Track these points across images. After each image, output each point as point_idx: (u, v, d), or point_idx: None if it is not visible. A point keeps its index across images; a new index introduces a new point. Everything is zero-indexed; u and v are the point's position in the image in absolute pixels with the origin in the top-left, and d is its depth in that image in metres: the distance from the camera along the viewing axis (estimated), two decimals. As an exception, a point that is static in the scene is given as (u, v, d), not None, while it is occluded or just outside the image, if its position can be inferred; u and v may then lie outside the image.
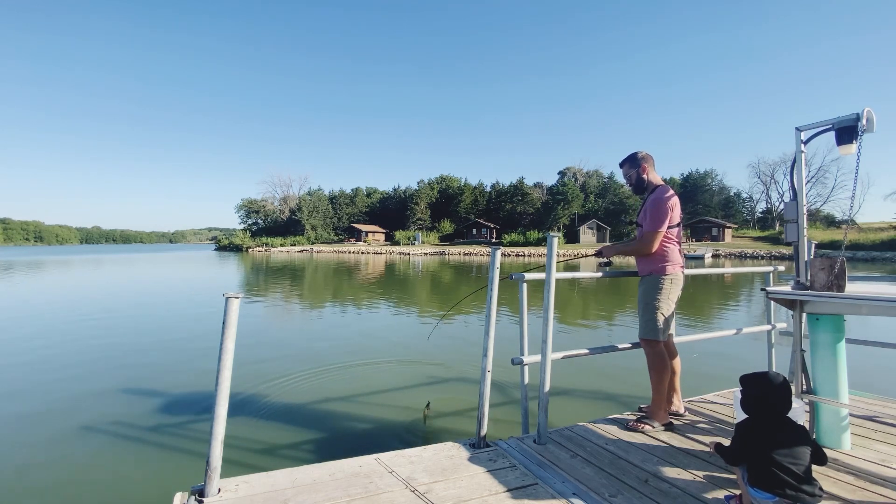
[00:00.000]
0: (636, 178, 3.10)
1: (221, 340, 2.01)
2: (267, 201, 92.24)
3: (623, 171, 3.17)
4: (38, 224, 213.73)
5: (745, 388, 2.00)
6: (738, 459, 1.92)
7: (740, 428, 1.95)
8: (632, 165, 3.11)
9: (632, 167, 3.11)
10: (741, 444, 1.91)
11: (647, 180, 3.08)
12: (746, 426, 1.94)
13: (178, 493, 2.01)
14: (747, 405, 1.97)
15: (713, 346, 6.93)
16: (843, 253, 3.15)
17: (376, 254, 57.27)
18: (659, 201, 2.90)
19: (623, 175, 3.18)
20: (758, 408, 1.93)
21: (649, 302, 2.91)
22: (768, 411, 1.91)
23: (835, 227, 60.72)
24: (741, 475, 1.92)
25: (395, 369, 6.04)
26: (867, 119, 2.65)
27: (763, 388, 1.94)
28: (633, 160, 3.10)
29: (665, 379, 2.87)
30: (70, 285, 18.29)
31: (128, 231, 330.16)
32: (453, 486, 2.14)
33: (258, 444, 3.72)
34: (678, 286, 2.95)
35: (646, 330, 2.92)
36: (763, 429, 1.88)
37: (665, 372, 2.87)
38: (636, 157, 3.10)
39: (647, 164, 3.08)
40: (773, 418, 1.91)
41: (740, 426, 1.96)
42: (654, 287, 2.91)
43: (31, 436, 3.94)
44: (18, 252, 78.47)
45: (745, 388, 2.00)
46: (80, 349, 7.11)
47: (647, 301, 2.92)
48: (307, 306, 12.83)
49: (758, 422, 1.92)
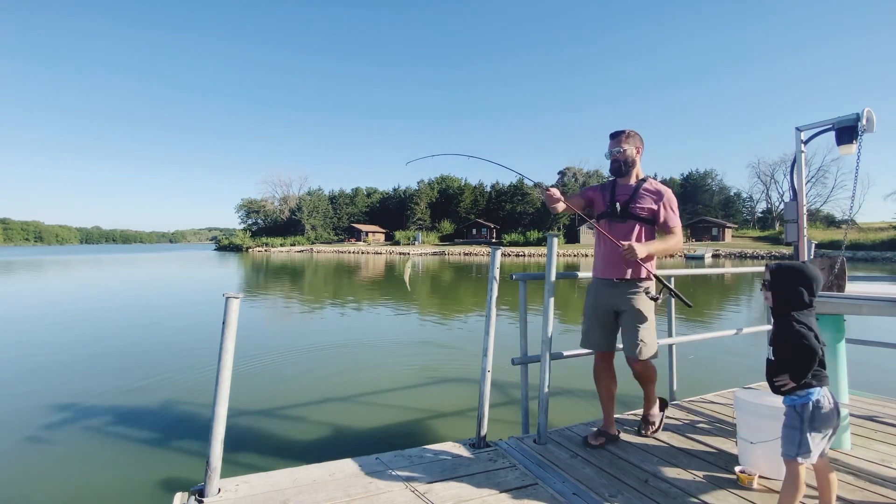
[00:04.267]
0: (630, 158, 2.64)
1: (221, 340, 2.01)
2: (267, 201, 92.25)
3: (616, 143, 2.64)
4: (38, 224, 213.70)
5: (798, 275, 1.78)
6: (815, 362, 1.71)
7: (801, 324, 1.73)
8: (632, 142, 2.65)
9: (631, 144, 2.64)
10: (815, 339, 1.70)
11: (637, 166, 2.67)
12: (801, 320, 1.74)
13: (178, 493, 2.01)
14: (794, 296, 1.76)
15: (713, 346, 6.93)
16: (843, 253, 3.16)
17: (376, 254, 57.27)
18: (674, 199, 2.61)
19: (614, 148, 2.64)
20: (807, 298, 1.75)
21: (648, 314, 2.56)
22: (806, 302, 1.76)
23: (835, 227, 60.72)
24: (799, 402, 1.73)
25: (395, 369, 6.04)
26: (867, 119, 2.65)
27: (814, 273, 1.78)
28: (635, 136, 2.65)
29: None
30: (70, 285, 18.29)
31: (128, 231, 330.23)
32: (453, 486, 2.14)
33: (258, 444, 3.72)
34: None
35: (647, 349, 2.54)
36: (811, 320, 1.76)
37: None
38: (638, 136, 2.67)
39: (642, 148, 2.69)
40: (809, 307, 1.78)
41: (799, 324, 1.73)
42: (648, 296, 2.56)
43: (30, 435, 3.94)
44: (18, 252, 78.46)
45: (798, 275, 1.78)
46: (80, 349, 7.10)
47: (646, 312, 2.55)
48: (307, 306, 12.83)
49: (809, 315, 1.77)
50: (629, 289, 2.56)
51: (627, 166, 2.64)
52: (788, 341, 1.74)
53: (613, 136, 2.67)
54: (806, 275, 1.77)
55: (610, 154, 2.67)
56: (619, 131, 2.66)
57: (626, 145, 2.63)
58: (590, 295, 2.72)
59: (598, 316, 2.65)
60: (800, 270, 1.79)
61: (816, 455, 1.73)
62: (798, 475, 1.73)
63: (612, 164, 2.66)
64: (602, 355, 2.72)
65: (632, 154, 2.63)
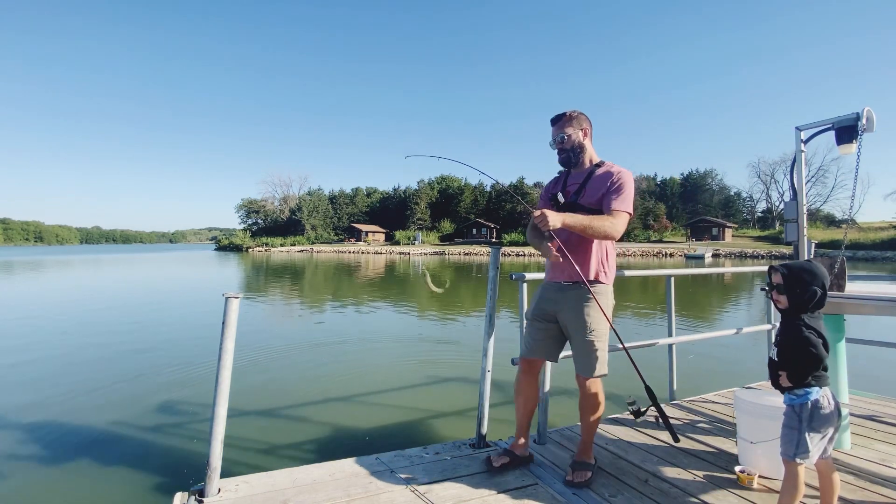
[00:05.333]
0: (578, 142, 2.29)
1: (221, 340, 2.01)
2: (267, 201, 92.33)
3: (559, 130, 2.30)
4: (38, 224, 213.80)
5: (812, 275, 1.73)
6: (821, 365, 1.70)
7: (811, 330, 1.70)
8: (576, 124, 2.28)
9: (576, 126, 2.28)
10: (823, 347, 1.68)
11: (588, 150, 2.33)
12: (811, 325, 1.71)
13: (178, 493, 2.01)
14: (812, 296, 1.71)
15: (713, 346, 6.93)
16: (843, 252, 3.16)
17: (376, 254, 57.27)
18: (630, 182, 2.20)
19: (557, 136, 2.30)
20: (822, 297, 1.72)
21: (599, 322, 2.19)
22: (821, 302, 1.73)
23: (835, 226, 60.77)
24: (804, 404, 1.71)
25: (395, 369, 6.04)
26: (867, 118, 2.65)
27: (825, 271, 1.76)
28: (580, 118, 2.29)
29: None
30: (69, 286, 18.30)
31: (128, 231, 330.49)
32: (453, 486, 2.14)
33: (258, 444, 3.72)
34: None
35: (599, 365, 2.20)
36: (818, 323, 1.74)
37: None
38: (582, 115, 2.31)
39: (590, 129, 2.34)
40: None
41: (809, 330, 1.70)
42: (603, 300, 2.21)
43: (30, 435, 3.94)
44: (18, 252, 78.50)
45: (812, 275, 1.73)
46: (79, 349, 7.11)
47: (598, 320, 2.18)
48: (307, 306, 12.84)
49: (816, 317, 1.74)
50: (580, 294, 2.21)
51: (576, 153, 2.30)
52: (795, 346, 1.72)
53: (555, 121, 2.32)
54: (819, 274, 1.74)
55: (554, 143, 2.33)
56: (559, 115, 2.31)
57: (569, 130, 2.28)
58: (534, 297, 2.42)
59: (538, 321, 2.33)
60: (813, 270, 1.75)
61: (816, 456, 1.72)
62: (797, 476, 1.72)
63: (559, 155, 2.34)
64: (530, 363, 2.37)
65: (578, 138, 2.29)
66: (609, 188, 2.18)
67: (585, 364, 2.20)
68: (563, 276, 2.26)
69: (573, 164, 2.32)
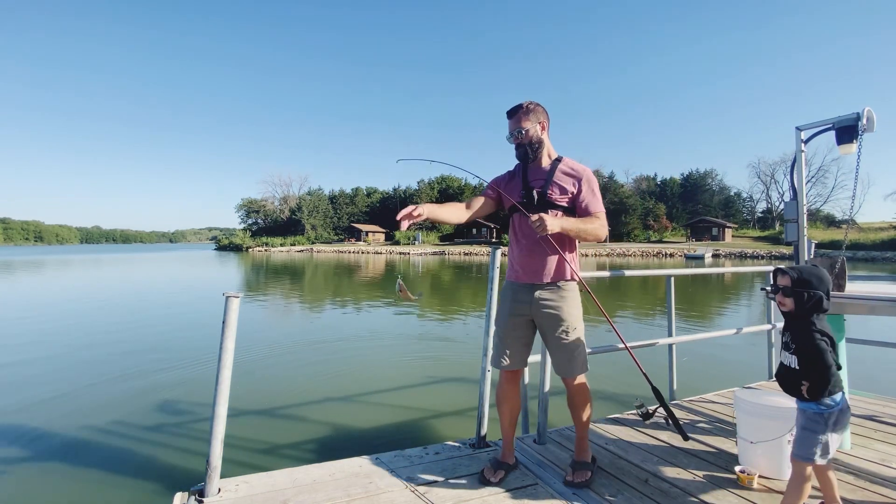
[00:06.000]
0: (536, 137, 2.19)
1: (221, 339, 2.01)
2: (267, 201, 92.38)
3: (517, 123, 2.18)
4: (38, 224, 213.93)
5: (818, 279, 1.73)
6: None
7: (825, 338, 1.70)
8: (533, 118, 2.17)
9: (533, 120, 2.17)
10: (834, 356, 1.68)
11: (546, 145, 2.24)
12: (824, 332, 1.71)
13: (178, 494, 2.01)
14: (818, 301, 1.71)
15: (713, 346, 6.93)
16: (843, 253, 3.16)
17: (376, 253, 57.27)
18: (596, 180, 2.22)
19: (514, 130, 2.18)
20: (825, 301, 1.71)
21: (578, 320, 2.20)
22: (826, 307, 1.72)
23: (835, 226, 60.82)
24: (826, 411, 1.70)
25: (395, 369, 6.04)
26: (867, 118, 2.65)
27: (829, 278, 1.75)
28: (537, 111, 2.19)
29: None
30: (69, 285, 18.30)
31: (128, 231, 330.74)
32: (453, 486, 2.14)
33: (258, 444, 3.72)
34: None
35: (582, 364, 2.19)
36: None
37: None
38: (539, 107, 2.21)
39: (547, 122, 2.24)
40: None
41: (823, 338, 1.70)
42: (576, 299, 2.21)
43: (30, 435, 3.94)
44: (18, 252, 78.50)
45: (818, 279, 1.73)
46: (79, 348, 7.11)
47: (576, 318, 2.18)
48: (307, 306, 12.84)
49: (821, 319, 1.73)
50: (554, 293, 2.16)
51: (535, 148, 2.20)
52: (813, 355, 1.71)
53: (511, 113, 2.20)
54: (826, 279, 1.75)
55: (511, 136, 2.21)
56: (516, 107, 2.19)
57: (527, 124, 2.17)
58: (504, 302, 2.29)
59: (514, 328, 2.24)
60: (821, 275, 1.75)
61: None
62: (808, 477, 1.73)
63: (516, 150, 2.23)
64: (512, 374, 2.31)
65: (536, 132, 2.19)
66: (583, 189, 2.16)
67: (570, 364, 2.17)
68: (537, 278, 2.18)
69: (530, 159, 2.23)
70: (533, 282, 2.19)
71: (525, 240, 2.20)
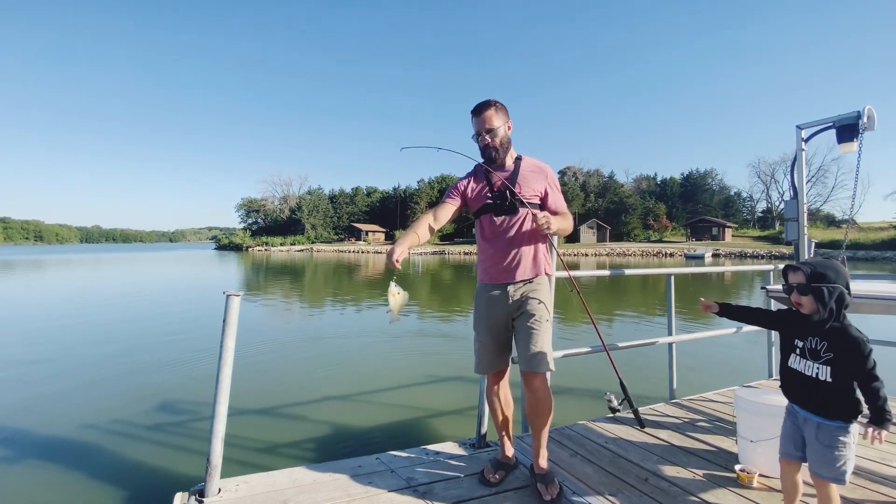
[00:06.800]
0: (505, 137, 2.16)
1: (222, 339, 2.01)
2: (267, 201, 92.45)
3: (488, 119, 2.11)
4: (38, 223, 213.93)
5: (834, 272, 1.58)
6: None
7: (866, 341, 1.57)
8: (502, 115, 2.14)
9: (501, 119, 2.14)
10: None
11: (510, 145, 2.22)
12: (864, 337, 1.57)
13: (178, 494, 2.01)
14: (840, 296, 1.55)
15: (713, 346, 6.93)
16: (843, 252, 3.16)
17: (376, 253, 57.27)
18: (555, 175, 2.25)
19: (484, 126, 2.11)
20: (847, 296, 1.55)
21: (549, 313, 2.16)
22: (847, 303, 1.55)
23: (835, 226, 60.85)
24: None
25: (395, 369, 6.04)
26: (868, 117, 2.65)
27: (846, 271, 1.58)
28: (503, 108, 2.16)
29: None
30: (69, 285, 18.29)
31: (128, 230, 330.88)
32: (453, 485, 2.14)
33: (258, 444, 3.72)
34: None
35: (547, 360, 2.06)
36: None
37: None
38: (504, 106, 2.17)
39: (510, 121, 2.21)
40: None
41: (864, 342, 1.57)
42: (549, 293, 2.23)
43: (29, 435, 3.94)
44: (18, 251, 78.51)
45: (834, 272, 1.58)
46: (79, 348, 7.10)
47: (545, 313, 2.12)
48: (307, 305, 12.84)
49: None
50: (529, 288, 2.13)
51: (504, 149, 2.16)
52: (860, 366, 1.54)
53: (479, 111, 2.12)
54: (842, 272, 1.58)
55: (478, 136, 2.14)
56: (485, 104, 2.13)
57: (497, 122, 2.12)
58: (480, 306, 2.22)
59: (494, 331, 2.19)
60: (837, 267, 1.58)
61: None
62: (836, 498, 1.60)
63: (485, 151, 2.16)
64: (494, 377, 2.27)
65: (504, 133, 2.15)
66: (551, 187, 2.20)
67: (539, 359, 2.04)
68: (513, 276, 2.14)
69: (496, 160, 2.17)
70: (508, 281, 2.15)
71: (498, 240, 2.16)
